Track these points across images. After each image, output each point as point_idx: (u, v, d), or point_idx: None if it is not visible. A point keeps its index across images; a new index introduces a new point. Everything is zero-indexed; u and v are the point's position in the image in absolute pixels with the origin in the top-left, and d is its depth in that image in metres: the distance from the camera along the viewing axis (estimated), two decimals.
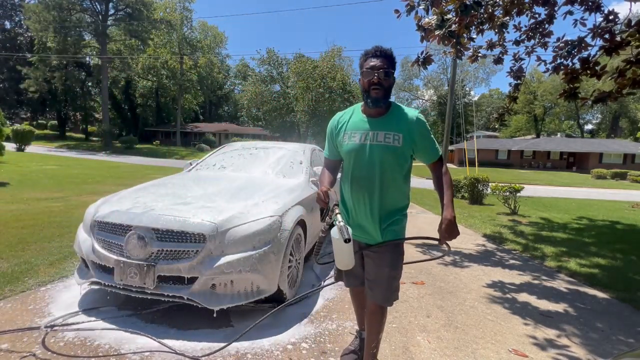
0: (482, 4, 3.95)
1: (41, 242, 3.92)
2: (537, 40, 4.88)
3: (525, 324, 2.63)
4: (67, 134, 40.41)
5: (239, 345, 2.12)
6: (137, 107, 45.30)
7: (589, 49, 4.36)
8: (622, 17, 4.18)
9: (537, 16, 4.73)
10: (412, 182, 2.04)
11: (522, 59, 5.06)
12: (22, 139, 20.57)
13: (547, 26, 4.74)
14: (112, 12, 32.82)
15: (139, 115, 45.57)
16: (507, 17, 4.38)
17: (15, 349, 1.98)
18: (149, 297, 2.24)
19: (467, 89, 48.82)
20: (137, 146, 31.92)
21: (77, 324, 2.27)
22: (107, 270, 2.38)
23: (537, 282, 3.59)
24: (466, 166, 13.84)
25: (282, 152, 4.15)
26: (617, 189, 19.42)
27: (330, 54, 28.45)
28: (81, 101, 37.37)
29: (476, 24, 4.39)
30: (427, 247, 4.68)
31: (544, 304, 3.01)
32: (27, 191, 7.40)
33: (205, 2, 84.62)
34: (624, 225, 7.21)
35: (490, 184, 8.93)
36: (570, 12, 4.43)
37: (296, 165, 3.88)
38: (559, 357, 2.20)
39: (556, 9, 4.54)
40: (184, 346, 2.08)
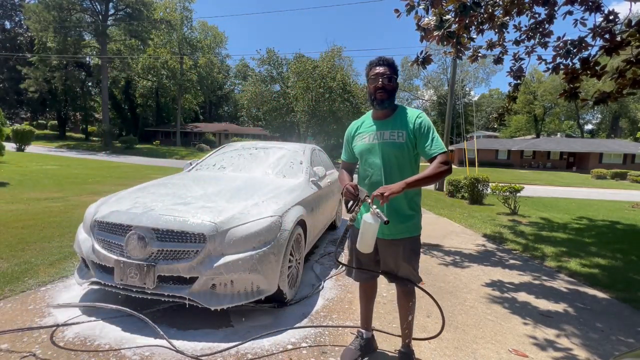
0: (482, 4, 3.95)
1: (41, 242, 3.92)
2: (537, 40, 4.88)
3: (525, 324, 2.63)
4: (67, 134, 40.42)
5: (238, 344, 2.12)
6: (137, 107, 45.32)
7: (589, 49, 4.37)
8: (622, 17, 4.18)
9: (537, 16, 4.73)
10: None
11: (522, 59, 5.06)
12: (22, 139, 20.58)
13: (547, 26, 4.74)
14: (112, 12, 32.83)
15: (139, 115, 45.60)
16: (507, 17, 4.37)
17: (15, 349, 1.98)
18: (149, 297, 2.24)
19: (467, 89, 48.80)
20: (137, 146, 31.94)
21: (77, 324, 2.28)
22: (107, 270, 2.38)
23: (537, 282, 3.59)
24: (466, 166, 13.84)
25: (282, 152, 4.15)
26: (617, 189, 19.42)
27: (330, 54, 28.44)
28: (81, 101, 37.40)
29: (476, 24, 4.40)
30: (427, 248, 4.68)
31: (544, 304, 3.01)
32: (27, 191, 7.40)
33: (205, 2, 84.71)
34: (624, 225, 7.21)
35: (490, 184, 8.93)
36: (570, 12, 4.43)
37: (296, 165, 3.89)
38: (558, 357, 2.20)
39: (556, 9, 4.54)
40: (184, 346, 2.08)
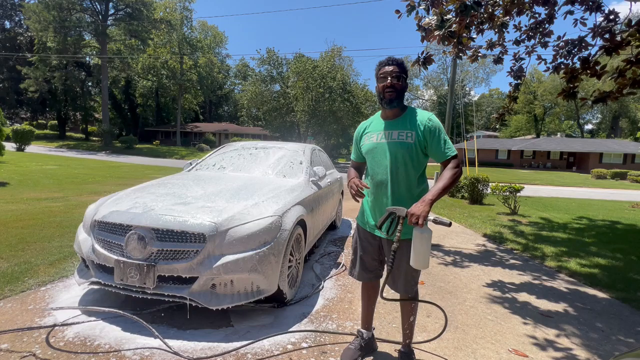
0: (482, 4, 3.95)
1: (41, 242, 3.92)
2: (537, 39, 4.87)
3: (525, 323, 2.63)
4: (67, 133, 40.40)
5: (239, 345, 2.12)
6: (137, 107, 45.32)
7: (589, 48, 4.36)
8: (622, 16, 4.18)
9: (537, 16, 4.73)
10: None
11: (522, 59, 5.05)
12: (22, 139, 20.59)
13: (547, 26, 4.74)
14: (112, 12, 32.81)
15: (139, 115, 45.60)
16: (507, 17, 4.37)
17: (15, 348, 1.98)
18: (149, 297, 2.24)
19: (467, 89, 48.78)
20: (137, 146, 31.95)
21: (77, 323, 2.28)
22: (107, 270, 2.38)
23: (537, 282, 3.59)
24: (466, 166, 13.84)
25: (282, 152, 4.15)
26: (617, 188, 19.41)
27: (330, 54, 28.45)
28: (81, 101, 37.35)
29: (476, 23, 4.39)
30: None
31: (544, 304, 3.01)
32: (27, 191, 7.40)
33: (205, 2, 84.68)
34: (624, 225, 7.21)
35: (490, 184, 8.92)
36: (570, 12, 4.43)
37: (296, 165, 3.88)
38: (558, 357, 2.20)
39: (556, 8, 4.54)
40: (183, 346, 2.08)
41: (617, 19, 4.10)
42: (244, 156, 4.11)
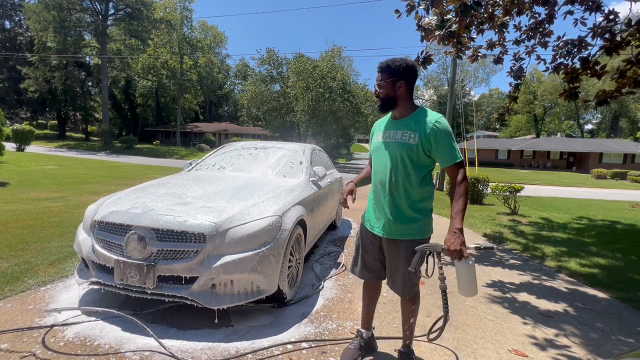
0: (482, 4, 3.95)
1: (41, 242, 3.92)
2: (537, 39, 4.87)
3: (525, 323, 2.63)
4: (67, 133, 40.40)
5: (239, 344, 2.12)
6: (137, 107, 45.30)
7: (589, 48, 4.36)
8: (622, 16, 4.18)
9: (537, 16, 4.72)
10: None
11: (522, 59, 5.05)
12: (22, 139, 20.58)
13: (547, 26, 4.73)
14: (112, 12, 32.78)
15: (139, 115, 45.57)
16: (507, 17, 4.37)
17: (15, 348, 1.98)
18: (149, 297, 2.24)
19: (467, 88, 48.74)
20: (137, 146, 31.93)
21: (77, 323, 2.28)
22: (107, 270, 2.38)
23: (537, 282, 3.59)
24: (466, 166, 13.82)
25: (282, 152, 4.15)
26: (617, 188, 19.41)
27: (330, 54, 28.43)
28: (81, 101, 37.35)
29: (476, 23, 4.39)
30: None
31: (543, 304, 3.01)
32: (27, 191, 7.40)
33: (205, 2, 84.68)
34: (624, 225, 7.21)
35: (490, 184, 8.92)
36: (570, 12, 4.42)
37: (296, 165, 3.88)
38: (558, 357, 2.20)
39: (556, 8, 4.54)
40: (183, 346, 2.08)
41: (617, 19, 4.10)
42: (244, 156, 4.11)
